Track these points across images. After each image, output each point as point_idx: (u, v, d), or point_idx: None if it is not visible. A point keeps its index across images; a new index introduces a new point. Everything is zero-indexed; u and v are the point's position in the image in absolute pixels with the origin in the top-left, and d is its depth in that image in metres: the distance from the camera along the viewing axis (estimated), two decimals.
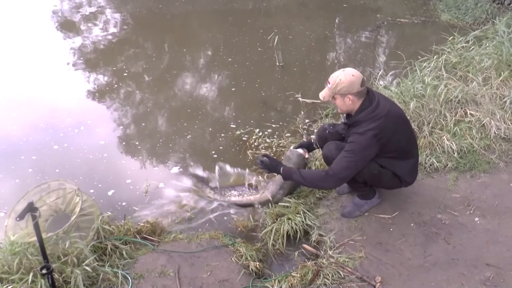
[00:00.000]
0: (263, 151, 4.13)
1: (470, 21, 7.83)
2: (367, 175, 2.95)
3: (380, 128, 2.72)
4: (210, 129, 4.61)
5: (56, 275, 2.36)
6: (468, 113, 4.09)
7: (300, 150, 3.46)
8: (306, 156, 3.48)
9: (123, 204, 3.50)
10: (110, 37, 7.40)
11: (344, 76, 2.74)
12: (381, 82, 4.85)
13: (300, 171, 2.96)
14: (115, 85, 5.63)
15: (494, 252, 2.86)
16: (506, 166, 3.72)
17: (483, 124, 4.02)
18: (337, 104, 2.89)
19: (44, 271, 2.08)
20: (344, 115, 3.02)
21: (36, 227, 1.99)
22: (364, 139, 2.73)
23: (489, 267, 2.74)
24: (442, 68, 4.65)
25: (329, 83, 2.83)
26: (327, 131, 3.21)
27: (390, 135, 2.77)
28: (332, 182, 2.91)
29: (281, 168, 3.00)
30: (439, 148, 3.77)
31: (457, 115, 4.09)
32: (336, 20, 8.84)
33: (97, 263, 2.61)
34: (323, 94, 2.89)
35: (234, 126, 4.65)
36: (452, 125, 3.94)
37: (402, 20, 8.38)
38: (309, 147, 3.53)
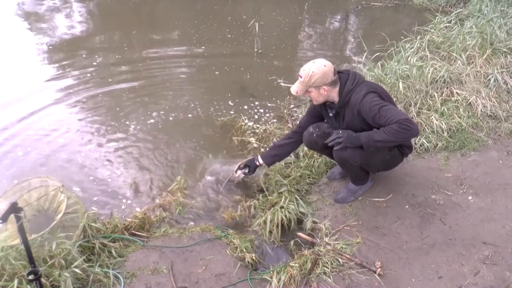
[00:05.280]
0: (251, 139, 4.01)
1: (443, 3, 7.94)
2: (380, 164, 2.94)
3: (369, 86, 2.70)
4: (195, 115, 4.48)
5: (43, 280, 2.21)
6: (454, 92, 4.07)
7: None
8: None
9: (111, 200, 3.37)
10: (77, 28, 7.11)
11: (316, 68, 2.66)
12: (362, 65, 4.79)
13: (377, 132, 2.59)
14: (88, 75, 5.35)
15: (489, 230, 2.86)
16: (494, 143, 3.73)
17: (470, 102, 4.02)
18: (312, 96, 2.80)
19: (31, 277, 1.92)
20: (329, 110, 2.95)
21: (21, 229, 1.83)
22: (369, 97, 2.63)
23: (487, 245, 2.73)
24: (426, 49, 4.62)
25: (300, 77, 2.73)
26: (314, 135, 2.99)
27: (382, 94, 2.72)
28: (411, 124, 2.48)
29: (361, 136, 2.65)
30: (428, 129, 3.74)
31: (444, 95, 4.07)
32: (307, 5, 8.71)
33: (86, 264, 2.47)
34: (296, 89, 2.78)
35: (220, 113, 4.53)
36: (439, 105, 3.92)
37: (376, 4, 8.39)
38: (252, 165, 3.35)
